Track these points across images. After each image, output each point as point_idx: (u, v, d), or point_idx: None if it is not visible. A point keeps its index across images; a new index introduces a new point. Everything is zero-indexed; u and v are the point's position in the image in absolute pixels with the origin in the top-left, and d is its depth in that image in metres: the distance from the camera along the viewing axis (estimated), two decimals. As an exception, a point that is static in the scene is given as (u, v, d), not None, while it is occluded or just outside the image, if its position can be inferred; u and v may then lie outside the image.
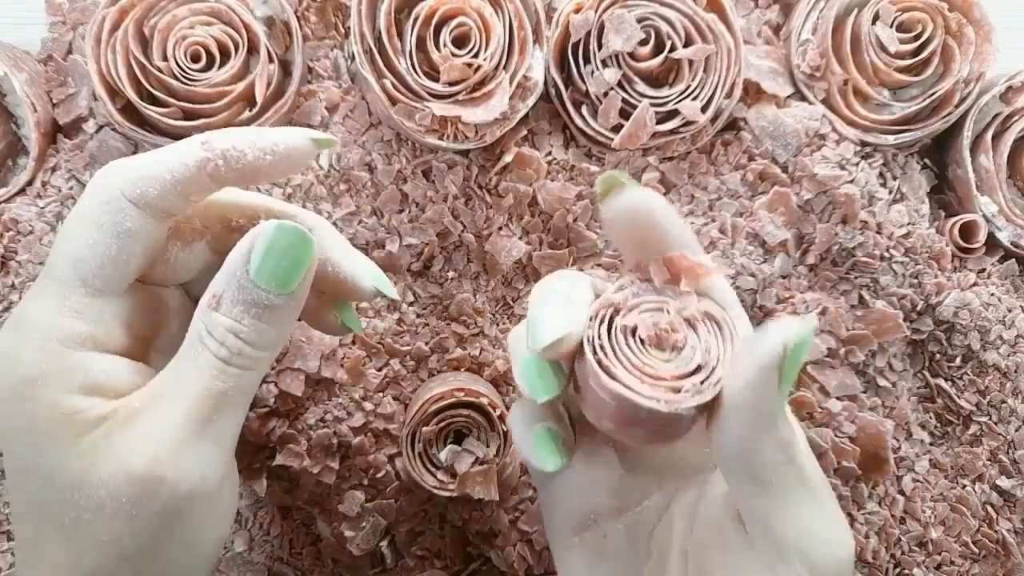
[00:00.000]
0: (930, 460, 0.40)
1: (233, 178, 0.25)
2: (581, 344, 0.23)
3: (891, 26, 0.38)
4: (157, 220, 0.24)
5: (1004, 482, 0.40)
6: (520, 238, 0.38)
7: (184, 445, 0.23)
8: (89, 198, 0.24)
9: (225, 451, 0.24)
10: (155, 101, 0.35)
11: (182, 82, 0.35)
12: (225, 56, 0.35)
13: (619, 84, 0.36)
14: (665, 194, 0.38)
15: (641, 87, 0.37)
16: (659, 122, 0.37)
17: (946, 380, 0.40)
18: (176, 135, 0.36)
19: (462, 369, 0.37)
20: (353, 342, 0.37)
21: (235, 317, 0.24)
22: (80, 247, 0.24)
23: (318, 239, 0.25)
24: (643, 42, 0.36)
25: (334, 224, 0.37)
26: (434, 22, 0.35)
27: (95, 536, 0.23)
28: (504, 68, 0.36)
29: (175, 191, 0.24)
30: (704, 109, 0.36)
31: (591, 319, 0.23)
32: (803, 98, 0.39)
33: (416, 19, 0.35)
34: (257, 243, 0.23)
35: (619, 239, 0.25)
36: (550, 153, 0.38)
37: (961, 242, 0.40)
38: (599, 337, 0.23)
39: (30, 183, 0.38)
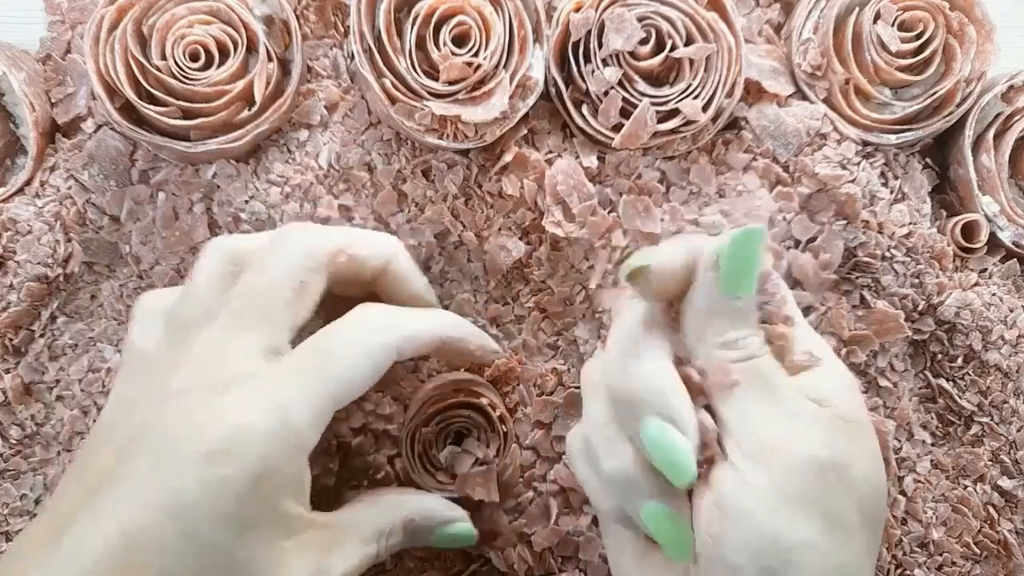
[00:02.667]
0: (931, 461, 0.40)
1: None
2: None
3: (892, 25, 0.37)
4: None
5: (1006, 483, 0.40)
6: (520, 238, 0.38)
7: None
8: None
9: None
10: (154, 100, 0.35)
11: (181, 81, 0.35)
12: (224, 55, 0.35)
13: (619, 83, 0.36)
14: (666, 192, 0.38)
15: (642, 86, 0.36)
16: (660, 121, 0.36)
17: (948, 380, 0.40)
18: (175, 134, 0.36)
19: (462, 369, 0.37)
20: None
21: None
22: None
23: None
24: (644, 41, 0.36)
25: (333, 224, 0.37)
26: (434, 21, 0.35)
27: None
28: (504, 67, 0.36)
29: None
30: (705, 108, 0.36)
31: None
32: (804, 97, 0.39)
33: (416, 18, 0.35)
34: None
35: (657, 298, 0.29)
36: (551, 152, 0.38)
37: (963, 242, 0.40)
38: None
39: (28, 182, 0.38)
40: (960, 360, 0.40)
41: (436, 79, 0.35)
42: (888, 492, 0.39)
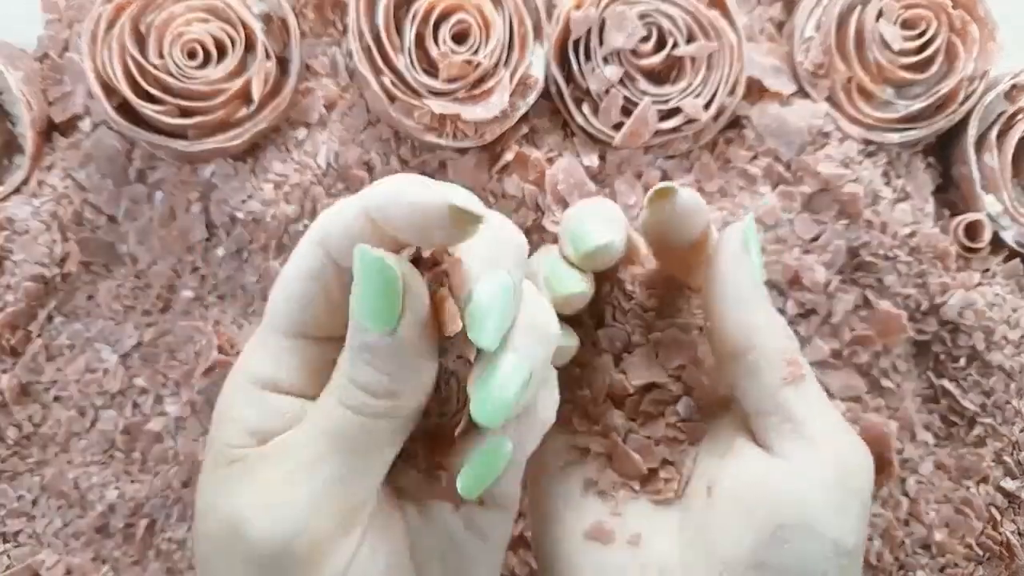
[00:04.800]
0: (934, 462, 0.40)
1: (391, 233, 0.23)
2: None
3: (895, 23, 0.37)
4: (337, 264, 0.23)
5: (1008, 484, 0.40)
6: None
7: (281, 491, 0.21)
8: (302, 241, 0.24)
9: (333, 509, 0.22)
10: (151, 99, 0.35)
11: (178, 79, 0.34)
12: (222, 53, 0.35)
13: (620, 81, 0.36)
14: None
15: (643, 84, 0.36)
16: (661, 120, 0.36)
17: (950, 381, 0.40)
18: (172, 133, 0.35)
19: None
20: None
21: (351, 361, 0.22)
22: (277, 289, 0.24)
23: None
24: (645, 39, 0.36)
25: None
26: (433, 18, 0.35)
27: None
28: (504, 65, 0.36)
29: (346, 237, 0.23)
30: (706, 107, 0.36)
31: None
32: (806, 96, 0.39)
33: (415, 16, 0.35)
34: (355, 279, 0.21)
35: (659, 235, 0.28)
36: (551, 151, 0.38)
37: (966, 241, 0.40)
38: None
39: (25, 182, 0.38)
40: (963, 360, 0.40)
41: (435, 77, 0.35)
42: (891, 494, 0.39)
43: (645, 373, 0.28)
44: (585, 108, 0.37)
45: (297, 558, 0.21)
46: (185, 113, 0.35)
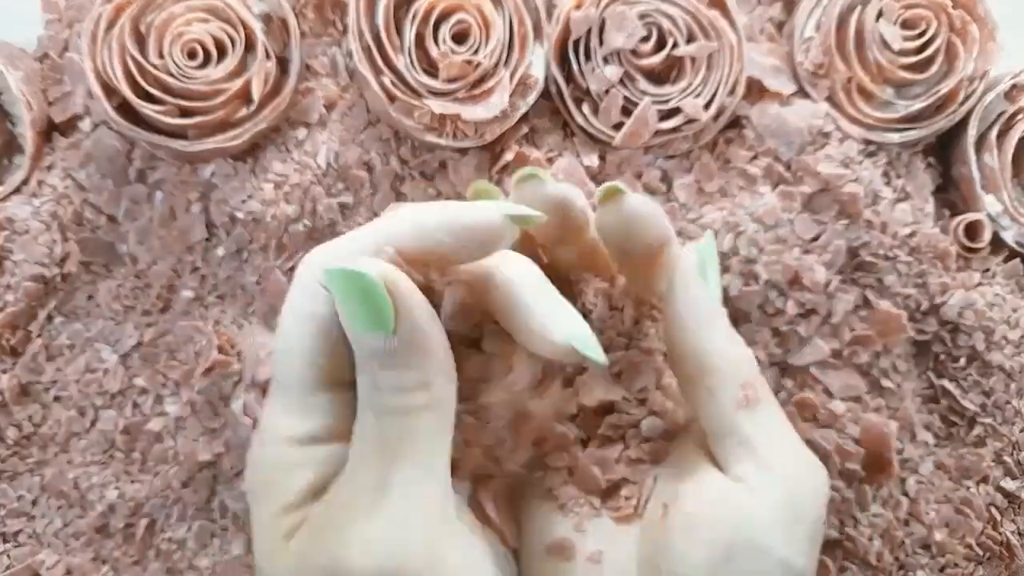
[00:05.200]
0: (934, 462, 0.40)
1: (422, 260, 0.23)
2: None
3: (895, 23, 0.37)
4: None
5: (1008, 484, 0.40)
6: (520, 237, 0.38)
7: (358, 526, 0.21)
8: (292, 287, 0.24)
9: (422, 521, 0.22)
10: (151, 99, 0.35)
11: (178, 79, 0.34)
12: (222, 53, 0.35)
13: (620, 81, 0.36)
14: (668, 190, 0.38)
15: (643, 84, 0.36)
16: (661, 120, 0.36)
17: (950, 381, 0.40)
18: (172, 133, 0.35)
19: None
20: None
21: (371, 373, 0.22)
22: (285, 341, 0.23)
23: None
24: (645, 39, 0.36)
25: (332, 223, 0.36)
26: (433, 18, 0.35)
27: None
28: (504, 65, 0.36)
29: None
30: (707, 107, 0.36)
31: None
32: (806, 96, 0.39)
33: (415, 15, 0.35)
34: (336, 299, 0.22)
35: (611, 242, 0.28)
36: (551, 151, 0.38)
37: (966, 241, 0.40)
38: None
39: (26, 182, 0.38)
40: (963, 360, 0.40)
41: (435, 77, 0.35)
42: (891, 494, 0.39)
43: (599, 393, 0.28)
44: (585, 108, 0.37)
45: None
46: (185, 113, 0.35)
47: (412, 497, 0.22)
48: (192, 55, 0.35)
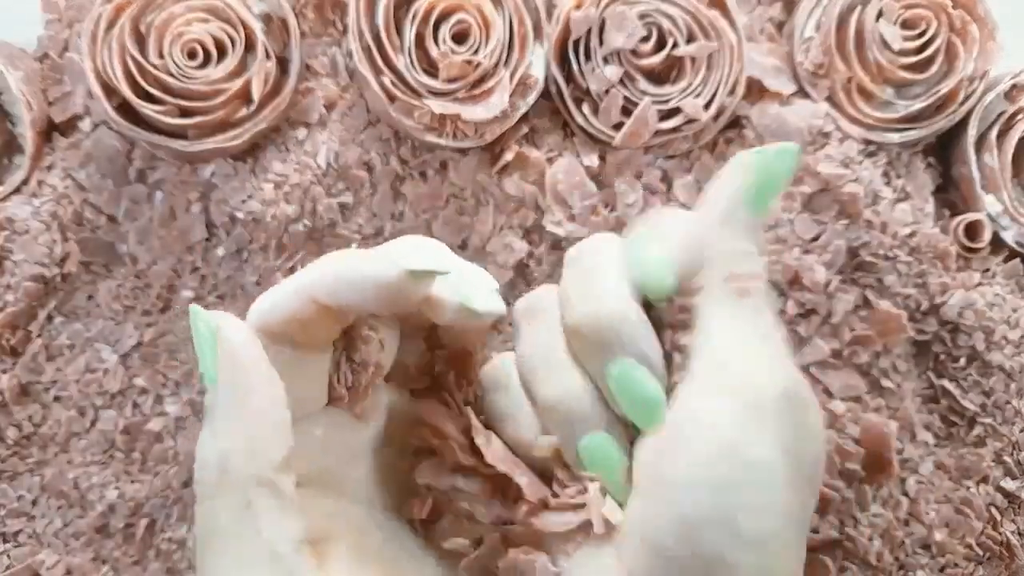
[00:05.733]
0: (934, 462, 0.40)
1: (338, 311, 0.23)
2: None
3: (895, 23, 0.37)
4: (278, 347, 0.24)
5: (1008, 484, 0.40)
6: (521, 238, 0.38)
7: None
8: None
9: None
10: (151, 99, 0.35)
11: (178, 79, 0.34)
12: (222, 53, 0.35)
13: (620, 81, 0.36)
14: (668, 191, 0.38)
15: (643, 84, 0.36)
16: (661, 120, 0.36)
17: (950, 381, 0.40)
18: (173, 133, 0.35)
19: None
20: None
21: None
22: None
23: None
24: (645, 39, 0.36)
25: (332, 223, 0.36)
26: (433, 18, 0.35)
27: None
28: (504, 65, 0.36)
29: (288, 322, 0.23)
30: (707, 107, 0.36)
31: None
32: (806, 96, 0.39)
33: (415, 15, 0.35)
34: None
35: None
36: (551, 151, 0.38)
37: (966, 241, 0.40)
38: None
39: (26, 182, 0.38)
40: (963, 360, 0.40)
41: (435, 77, 0.35)
42: (891, 493, 0.39)
43: None
44: (585, 108, 0.37)
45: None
46: (185, 113, 0.35)
47: None
48: (192, 55, 0.35)
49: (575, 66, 0.36)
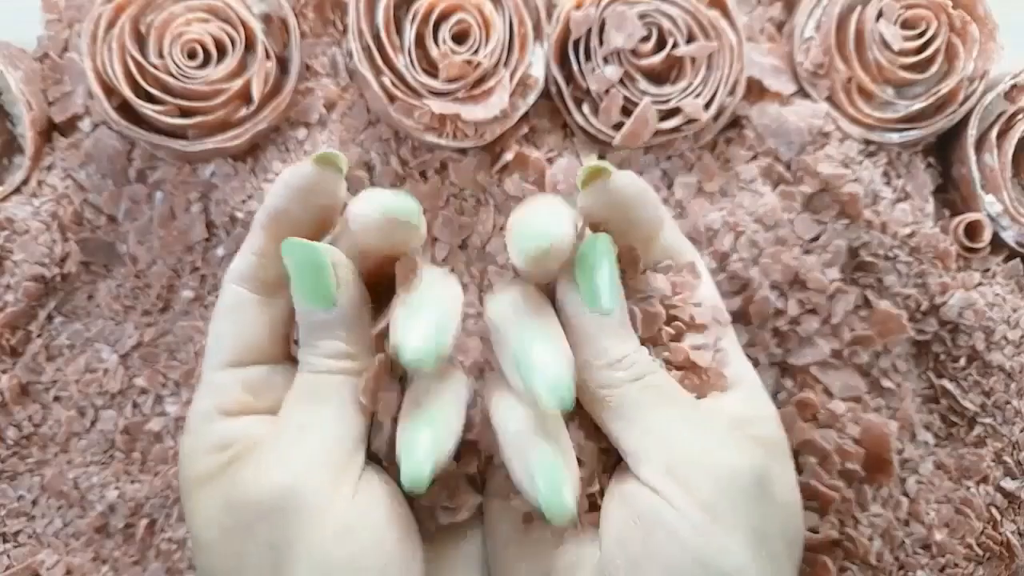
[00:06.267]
0: (934, 462, 0.40)
1: (286, 231, 0.26)
2: None
3: (895, 23, 0.37)
4: (259, 293, 0.27)
5: (1008, 484, 0.40)
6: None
7: (275, 450, 0.24)
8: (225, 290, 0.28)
9: (330, 458, 0.24)
10: (151, 99, 0.35)
11: (178, 79, 0.34)
12: (222, 53, 0.35)
13: (620, 81, 0.36)
14: (668, 190, 0.38)
15: (643, 84, 0.36)
16: (661, 120, 0.36)
17: (950, 381, 0.40)
18: (173, 133, 0.35)
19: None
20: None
21: (307, 337, 0.26)
22: (214, 332, 0.28)
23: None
24: (645, 39, 0.36)
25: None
26: (433, 18, 0.35)
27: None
28: (504, 65, 0.36)
29: (255, 257, 0.27)
30: (707, 107, 0.36)
31: None
32: (806, 96, 0.39)
33: (415, 15, 0.35)
34: (291, 272, 0.25)
35: (599, 226, 0.26)
36: (551, 151, 0.38)
37: (966, 241, 0.40)
38: None
39: (25, 182, 0.38)
40: (963, 361, 0.40)
41: (435, 77, 0.35)
42: (890, 494, 0.39)
43: None
44: (585, 108, 0.37)
45: (303, 503, 0.23)
46: (185, 113, 0.35)
47: (328, 436, 0.24)
48: (192, 55, 0.35)
49: (575, 66, 0.36)
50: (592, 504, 0.26)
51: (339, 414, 0.25)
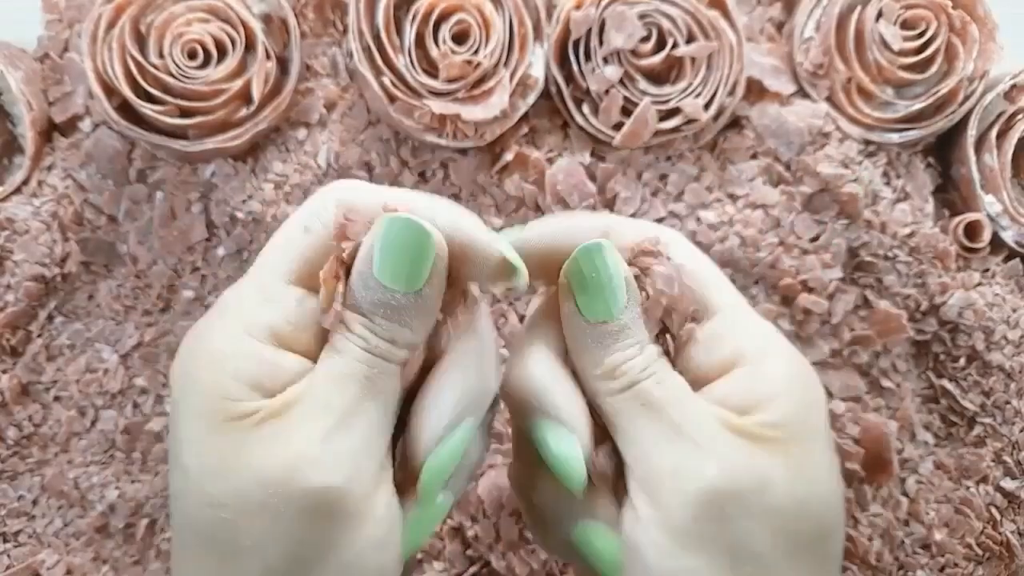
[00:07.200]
0: (934, 462, 0.40)
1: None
2: None
3: (895, 24, 0.37)
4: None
5: (1008, 483, 0.40)
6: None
7: (324, 439, 0.21)
8: (309, 201, 0.24)
9: (373, 459, 0.22)
10: (151, 99, 0.35)
11: (178, 80, 0.34)
12: (222, 53, 0.35)
13: (620, 81, 0.36)
14: (668, 190, 0.38)
15: (643, 85, 0.36)
16: (661, 120, 0.36)
17: (950, 381, 0.40)
18: (173, 133, 0.35)
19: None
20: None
21: (368, 316, 0.23)
22: (283, 240, 0.23)
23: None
24: (645, 39, 0.36)
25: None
26: (433, 18, 0.35)
27: (237, 542, 0.21)
28: (504, 65, 0.36)
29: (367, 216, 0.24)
30: (706, 107, 0.36)
31: None
32: (806, 96, 0.39)
33: (415, 16, 0.35)
34: (376, 242, 0.22)
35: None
36: (551, 151, 0.38)
37: (965, 241, 0.40)
38: None
39: (26, 182, 0.38)
40: (963, 360, 0.40)
41: (436, 77, 0.35)
42: (892, 494, 0.39)
43: None
44: (585, 108, 0.37)
45: (348, 507, 0.21)
46: (185, 113, 0.35)
47: (373, 434, 0.23)
48: (192, 55, 0.35)
49: (575, 66, 0.36)
50: None
51: (384, 411, 0.23)
